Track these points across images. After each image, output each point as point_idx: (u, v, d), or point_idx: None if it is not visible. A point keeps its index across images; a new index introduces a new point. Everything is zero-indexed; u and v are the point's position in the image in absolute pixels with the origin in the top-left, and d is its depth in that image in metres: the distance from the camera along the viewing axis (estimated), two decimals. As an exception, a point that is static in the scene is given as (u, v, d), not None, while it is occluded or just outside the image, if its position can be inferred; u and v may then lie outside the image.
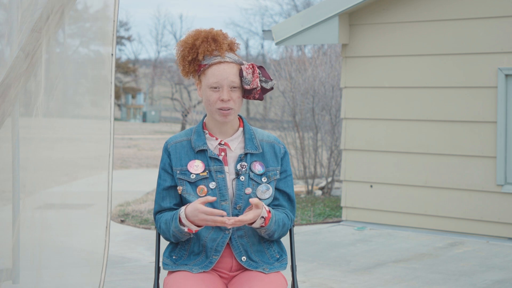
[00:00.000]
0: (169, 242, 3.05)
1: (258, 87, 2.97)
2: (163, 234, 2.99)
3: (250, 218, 2.82)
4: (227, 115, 2.94)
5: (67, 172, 4.09)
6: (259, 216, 2.86)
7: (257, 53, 46.34)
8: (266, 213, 2.88)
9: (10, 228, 3.93)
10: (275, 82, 3.03)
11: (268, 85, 2.99)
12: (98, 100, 3.86)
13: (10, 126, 3.85)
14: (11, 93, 3.26)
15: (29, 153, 3.81)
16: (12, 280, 3.94)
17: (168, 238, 3.00)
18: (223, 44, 2.96)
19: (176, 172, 2.97)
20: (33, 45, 3.24)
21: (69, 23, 3.46)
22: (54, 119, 3.59)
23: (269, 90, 3.00)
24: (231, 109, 2.94)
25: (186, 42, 2.98)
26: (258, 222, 2.88)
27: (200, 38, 2.96)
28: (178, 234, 2.92)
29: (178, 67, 3.06)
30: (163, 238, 3.03)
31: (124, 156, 18.07)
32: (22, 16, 3.40)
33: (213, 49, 2.94)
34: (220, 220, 2.79)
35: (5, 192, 4.13)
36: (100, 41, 3.67)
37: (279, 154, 3.05)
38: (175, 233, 2.92)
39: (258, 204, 2.83)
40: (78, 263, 3.69)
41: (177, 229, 2.90)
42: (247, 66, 2.96)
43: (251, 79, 2.95)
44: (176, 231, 2.91)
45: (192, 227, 2.87)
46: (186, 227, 2.88)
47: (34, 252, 3.62)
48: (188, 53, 2.97)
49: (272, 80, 2.99)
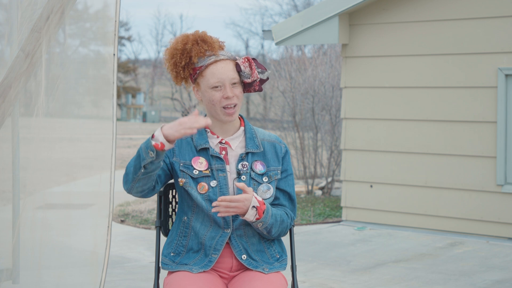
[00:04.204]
0: (126, 180, 2.87)
1: (258, 78, 2.98)
2: (126, 167, 2.85)
3: (237, 198, 2.80)
4: (232, 113, 2.94)
5: (67, 172, 4.09)
6: (248, 201, 2.83)
7: (257, 53, 46.34)
8: (257, 202, 2.86)
9: (10, 228, 3.93)
10: (270, 72, 3.05)
11: (265, 76, 3.00)
12: (98, 100, 3.86)
13: (10, 126, 3.85)
14: (11, 93, 3.26)
15: (29, 153, 3.81)
16: (12, 280, 3.94)
17: (128, 170, 2.84)
18: (213, 43, 2.96)
19: (180, 164, 2.95)
20: (33, 45, 3.24)
21: (69, 23, 3.47)
22: (55, 119, 3.59)
23: (266, 80, 3.01)
24: (236, 105, 2.94)
25: (175, 48, 2.95)
26: (250, 213, 2.85)
27: (189, 41, 2.94)
28: (141, 152, 2.77)
29: (170, 74, 3.01)
30: (124, 176, 2.87)
31: (124, 156, 18.06)
32: (22, 16, 3.40)
33: (206, 49, 2.94)
34: (205, 121, 2.72)
35: (5, 192, 4.13)
36: (100, 41, 3.67)
37: (280, 154, 3.05)
38: (139, 151, 2.78)
39: (244, 187, 2.82)
40: (78, 263, 3.69)
41: (145, 144, 2.76)
42: (242, 60, 2.97)
43: (250, 72, 2.96)
44: (143, 147, 2.77)
45: (161, 139, 2.73)
46: (154, 141, 2.75)
47: (34, 252, 3.62)
48: (180, 58, 2.94)
49: (267, 70, 3.00)
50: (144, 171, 2.80)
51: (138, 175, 2.82)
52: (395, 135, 7.26)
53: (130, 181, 2.85)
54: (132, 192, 2.89)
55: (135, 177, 2.83)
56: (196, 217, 2.96)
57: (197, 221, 2.96)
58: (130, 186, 2.86)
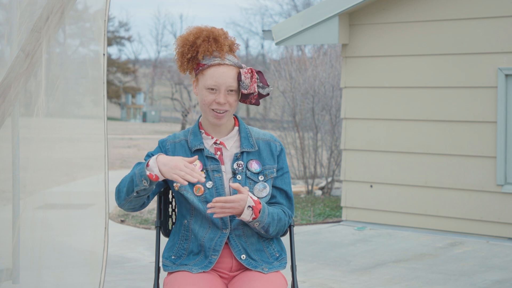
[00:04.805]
0: (118, 196, 2.90)
1: (255, 92, 2.95)
2: (119, 185, 2.88)
3: (232, 199, 2.80)
4: (221, 117, 2.93)
5: (67, 172, 4.09)
6: (243, 201, 2.83)
7: (257, 53, 46.37)
8: (252, 202, 2.85)
9: (10, 228, 3.93)
10: (272, 89, 3.02)
11: (264, 91, 2.97)
12: (98, 100, 3.86)
13: (10, 126, 3.85)
14: (11, 93, 3.26)
15: (29, 153, 3.81)
16: (12, 280, 3.94)
17: (120, 189, 2.87)
18: (224, 45, 2.94)
19: None
20: (33, 45, 3.24)
21: (69, 23, 3.47)
22: (54, 119, 3.59)
23: (265, 96, 3.00)
24: (226, 111, 2.93)
25: (186, 39, 2.96)
26: (246, 213, 2.84)
27: (201, 37, 2.94)
28: (135, 178, 2.80)
29: (176, 61, 3.04)
30: (116, 192, 2.90)
31: (124, 156, 18.06)
32: (22, 16, 3.40)
33: (213, 49, 2.93)
34: (198, 175, 2.72)
35: (5, 192, 4.13)
36: (100, 41, 3.66)
37: (275, 152, 3.04)
38: (133, 177, 2.80)
39: (239, 188, 2.82)
40: (78, 263, 3.68)
41: (139, 171, 2.79)
42: (246, 71, 2.94)
43: (249, 84, 2.93)
44: (137, 173, 2.79)
45: (155, 171, 2.76)
46: (148, 171, 2.77)
47: (34, 252, 3.62)
48: (188, 50, 2.95)
49: (269, 86, 2.98)
50: (136, 195, 2.86)
51: (130, 197, 2.88)
52: (395, 135, 7.26)
53: (122, 199, 2.91)
54: (124, 208, 2.96)
55: (127, 198, 2.89)
56: (195, 219, 2.97)
57: (196, 223, 2.96)
58: (122, 203, 2.93)
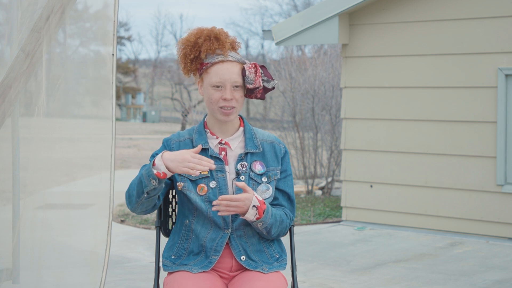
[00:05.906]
0: (129, 201, 2.91)
1: (261, 86, 2.97)
2: (128, 189, 2.89)
3: (237, 197, 2.81)
4: (229, 114, 2.94)
5: (67, 172, 4.09)
6: (248, 200, 2.83)
7: (257, 53, 46.32)
8: (257, 201, 2.86)
9: (10, 228, 3.93)
10: (276, 82, 3.04)
11: (270, 85, 2.99)
12: (98, 100, 3.86)
13: (10, 126, 3.86)
14: (11, 93, 3.26)
15: (29, 153, 3.81)
16: (12, 280, 3.95)
17: (130, 193, 2.89)
18: (225, 43, 2.95)
19: None
20: (33, 45, 3.24)
21: (69, 23, 3.47)
22: (55, 119, 3.59)
23: (271, 89, 3.01)
24: (233, 107, 2.94)
25: (188, 40, 2.97)
26: (251, 212, 2.85)
27: (202, 36, 2.95)
28: (143, 179, 2.81)
29: (179, 65, 3.05)
30: (126, 197, 2.91)
31: (124, 156, 18.06)
32: (22, 16, 3.40)
33: (216, 47, 2.94)
34: (207, 163, 2.74)
35: (5, 192, 4.13)
36: (100, 41, 3.67)
37: (280, 154, 3.05)
38: (141, 178, 2.82)
39: (245, 187, 2.83)
40: (78, 263, 3.69)
41: (146, 172, 2.80)
42: (249, 66, 2.96)
43: (254, 79, 2.95)
44: (144, 174, 2.80)
45: (162, 169, 2.78)
46: (156, 170, 2.79)
47: (34, 252, 3.62)
48: (190, 51, 2.96)
49: (273, 79, 3.00)
50: (147, 196, 2.86)
51: (141, 199, 2.87)
52: (395, 135, 7.26)
53: (133, 203, 2.91)
54: (136, 212, 2.95)
55: (138, 201, 2.88)
56: (197, 220, 2.97)
57: (198, 224, 2.96)
58: (134, 207, 2.92)
